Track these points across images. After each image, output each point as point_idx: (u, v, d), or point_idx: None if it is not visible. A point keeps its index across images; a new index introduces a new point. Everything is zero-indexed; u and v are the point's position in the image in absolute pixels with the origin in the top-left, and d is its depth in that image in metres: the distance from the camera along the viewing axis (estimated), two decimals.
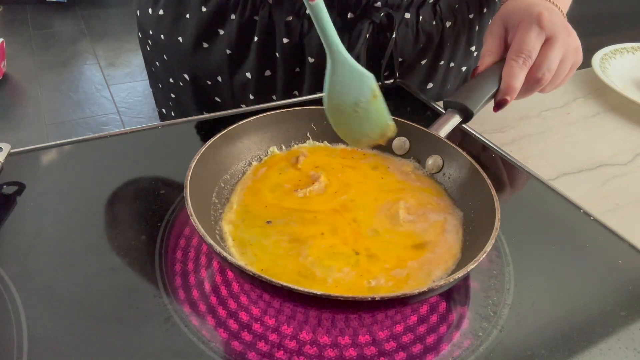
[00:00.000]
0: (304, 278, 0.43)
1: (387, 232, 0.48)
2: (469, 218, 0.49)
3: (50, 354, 0.39)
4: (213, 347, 0.40)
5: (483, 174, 0.49)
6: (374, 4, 0.70)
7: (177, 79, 0.81)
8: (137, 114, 2.53)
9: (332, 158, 0.57)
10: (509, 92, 0.58)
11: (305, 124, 0.58)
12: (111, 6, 3.50)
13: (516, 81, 0.57)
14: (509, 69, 0.58)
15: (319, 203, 0.50)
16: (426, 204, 0.51)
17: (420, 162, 0.56)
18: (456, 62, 0.81)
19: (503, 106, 0.59)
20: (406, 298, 0.39)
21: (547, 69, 0.58)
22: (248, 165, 0.55)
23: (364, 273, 0.44)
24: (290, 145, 0.57)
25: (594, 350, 0.42)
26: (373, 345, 0.42)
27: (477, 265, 0.40)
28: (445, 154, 0.54)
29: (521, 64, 0.57)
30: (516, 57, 0.58)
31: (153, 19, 0.78)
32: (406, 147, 0.57)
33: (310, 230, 0.47)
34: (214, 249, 0.39)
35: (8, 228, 0.49)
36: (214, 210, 0.49)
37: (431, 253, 0.46)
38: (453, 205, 0.52)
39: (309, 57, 0.72)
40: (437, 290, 0.40)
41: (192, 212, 0.42)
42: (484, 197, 0.48)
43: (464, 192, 0.52)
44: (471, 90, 0.59)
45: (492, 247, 0.49)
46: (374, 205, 0.51)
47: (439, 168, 0.55)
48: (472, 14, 0.78)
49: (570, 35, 0.59)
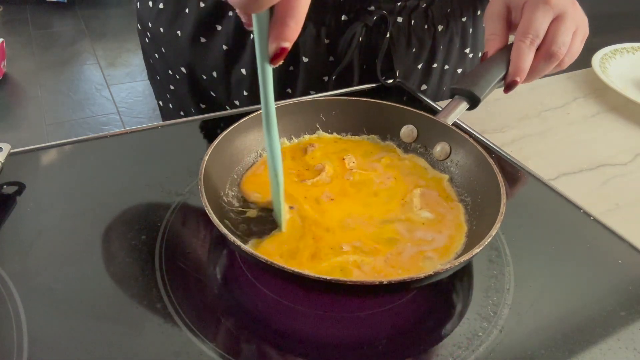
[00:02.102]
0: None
1: (399, 221, 0.49)
2: (476, 204, 0.50)
3: (50, 354, 0.39)
4: (213, 347, 0.40)
5: (489, 160, 0.50)
6: (367, 8, 0.70)
7: (175, 72, 0.81)
8: (137, 114, 2.53)
9: (340, 148, 0.58)
10: (519, 73, 0.58)
11: (314, 115, 0.59)
12: (111, 6, 3.50)
13: (525, 61, 0.57)
14: (517, 49, 0.58)
15: (328, 190, 0.52)
16: (436, 192, 0.53)
17: (428, 149, 0.57)
18: (451, 64, 0.81)
19: (513, 87, 0.59)
20: (413, 281, 0.40)
21: (562, 44, 0.57)
22: (259, 156, 0.56)
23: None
24: (300, 136, 0.58)
25: (594, 350, 0.42)
26: (373, 345, 0.42)
27: (477, 265, 0.40)
28: (453, 140, 0.55)
29: (529, 44, 0.57)
30: (524, 37, 0.57)
31: (153, 12, 0.78)
32: (414, 135, 0.58)
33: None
34: (228, 237, 0.40)
35: (8, 228, 0.49)
36: (226, 202, 0.50)
37: (439, 237, 0.47)
38: (460, 192, 0.53)
39: (303, 57, 0.73)
40: (442, 274, 0.41)
41: (207, 203, 0.43)
42: (490, 183, 0.48)
43: (471, 178, 0.52)
44: (478, 76, 0.58)
45: (492, 247, 0.49)
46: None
47: (447, 155, 0.55)
48: (465, 17, 0.78)
49: (577, 9, 0.59)
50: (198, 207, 0.53)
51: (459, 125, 0.68)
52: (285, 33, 0.36)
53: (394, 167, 0.56)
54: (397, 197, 0.52)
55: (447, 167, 0.55)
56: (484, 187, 0.50)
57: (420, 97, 0.74)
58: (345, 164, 0.55)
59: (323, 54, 0.72)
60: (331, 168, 0.55)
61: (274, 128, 0.44)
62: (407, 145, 0.58)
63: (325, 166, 0.54)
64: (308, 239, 0.46)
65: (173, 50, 0.79)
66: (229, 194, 0.51)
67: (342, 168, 0.55)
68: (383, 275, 0.43)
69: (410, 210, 0.50)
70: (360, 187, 0.53)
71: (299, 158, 0.56)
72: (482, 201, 0.50)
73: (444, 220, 0.50)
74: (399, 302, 0.45)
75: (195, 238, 0.50)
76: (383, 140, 0.59)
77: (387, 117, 0.58)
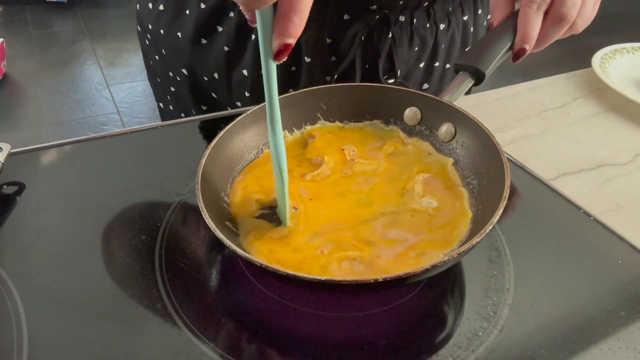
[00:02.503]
0: None
1: (400, 210, 0.48)
2: (482, 186, 0.49)
3: (50, 354, 0.39)
4: (213, 347, 0.40)
5: (494, 140, 0.49)
6: (369, 7, 0.70)
7: (175, 73, 0.81)
8: (137, 114, 2.53)
9: (341, 137, 0.57)
10: (527, 40, 0.54)
11: (314, 105, 0.58)
12: (111, 6, 3.50)
13: (533, 28, 0.54)
14: (523, 16, 0.54)
15: (328, 184, 0.52)
16: (439, 179, 0.52)
17: (433, 131, 0.56)
18: (452, 63, 0.81)
19: (522, 56, 0.56)
20: (409, 277, 0.39)
21: (573, 5, 0.54)
22: (260, 152, 0.55)
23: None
24: (302, 127, 0.58)
25: (594, 350, 0.42)
26: (373, 345, 0.42)
27: (477, 265, 0.40)
28: (458, 121, 0.53)
29: (535, 9, 0.54)
30: (530, 2, 0.54)
31: (153, 13, 0.78)
32: (418, 117, 0.56)
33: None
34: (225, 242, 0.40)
35: (8, 228, 0.49)
36: (227, 203, 0.49)
37: (443, 225, 0.47)
38: (465, 174, 0.52)
39: (305, 57, 0.73)
40: (437, 269, 0.40)
41: (204, 207, 0.43)
42: (496, 164, 0.47)
43: (477, 159, 0.51)
44: (482, 49, 0.56)
45: (492, 247, 0.49)
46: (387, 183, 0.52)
47: (452, 136, 0.54)
48: (467, 16, 0.78)
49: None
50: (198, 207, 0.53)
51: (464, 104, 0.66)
52: (289, 29, 0.36)
53: (396, 154, 0.54)
54: (398, 186, 0.51)
55: (452, 150, 0.54)
56: (490, 167, 0.49)
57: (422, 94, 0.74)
58: (345, 155, 0.54)
59: (325, 54, 0.72)
60: (331, 159, 0.53)
61: (278, 126, 0.43)
62: (411, 128, 0.57)
63: (324, 158, 0.53)
64: (306, 236, 0.46)
65: (173, 51, 0.79)
66: (230, 194, 0.51)
67: (343, 159, 0.54)
68: (375, 272, 0.43)
69: (412, 199, 0.49)
70: (359, 178, 0.52)
71: (298, 153, 0.55)
72: (487, 183, 0.48)
73: (447, 207, 0.48)
74: (399, 302, 0.45)
75: (195, 238, 0.50)
76: (387, 124, 0.58)
77: (390, 101, 0.57)
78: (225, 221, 0.47)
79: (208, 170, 0.47)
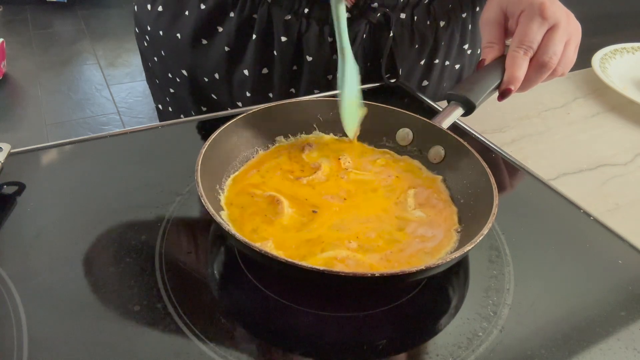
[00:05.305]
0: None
1: (394, 220, 0.49)
2: (469, 206, 0.51)
3: (50, 354, 0.39)
4: (213, 347, 0.40)
5: (483, 164, 0.51)
6: (370, 4, 0.70)
7: (175, 75, 0.81)
8: (137, 114, 2.53)
9: (337, 148, 0.58)
10: (513, 82, 0.60)
11: (312, 115, 0.59)
12: (111, 6, 3.50)
13: (519, 70, 0.59)
14: (511, 59, 0.60)
15: (323, 189, 0.53)
16: (430, 192, 0.53)
17: (423, 153, 0.57)
18: (450, 61, 0.81)
19: (507, 96, 0.61)
20: (405, 275, 0.40)
21: (554, 53, 0.59)
22: (255, 152, 0.56)
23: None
24: (297, 135, 0.59)
25: (594, 350, 0.42)
26: (373, 345, 0.42)
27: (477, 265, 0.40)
28: (448, 144, 0.56)
29: (522, 55, 0.59)
30: (518, 48, 0.59)
31: (152, 15, 0.78)
32: (409, 138, 0.58)
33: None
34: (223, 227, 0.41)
35: (8, 228, 0.49)
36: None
37: (431, 236, 0.48)
38: (453, 193, 0.53)
39: (307, 56, 0.73)
40: (433, 270, 0.41)
41: (203, 193, 0.44)
42: (483, 186, 0.49)
43: (464, 181, 0.53)
44: (474, 83, 0.60)
45: (492, 247, 0.49)
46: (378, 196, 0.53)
47: (441, 158, 0.56)
48: (465, 13, 0.78)
49: (570, 20, 0.61)
50: (198, 207, 0.53)
51: (458, 126, 0.68)
52: None
53: (389, 167, 0.56)
54: (392, 196, 0.52)
55: (441, 171, 0.56)
56: (477, 189, 0.50)
57: (420, 97, 0.74)
58: (340, 164, 0.56)
59: (327, 53, 0.73)
60: (327, 167, 0.55)
61: (349, 57, 0.55)
62: (402, 148, 0.59)
63: (321, 165, 0.55)
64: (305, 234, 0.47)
65: (173, 52, 0.79)
66: (224, 189, 0.51)
67: (338, 167, 0.56)
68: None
69: (405, 210, 0.51)
70: (355, 186, 0.53)
71: (295, 156, 0.57)
72: (475, 203, 0.50)
73: (438, 220, 0.50)
74: (399, 302, 0.45)
75: (195, 238, 0.50)
76: (379, 142, 0.59)
77: (384, 120, 0.59)
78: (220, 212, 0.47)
79: (207, 162, 0.49)
